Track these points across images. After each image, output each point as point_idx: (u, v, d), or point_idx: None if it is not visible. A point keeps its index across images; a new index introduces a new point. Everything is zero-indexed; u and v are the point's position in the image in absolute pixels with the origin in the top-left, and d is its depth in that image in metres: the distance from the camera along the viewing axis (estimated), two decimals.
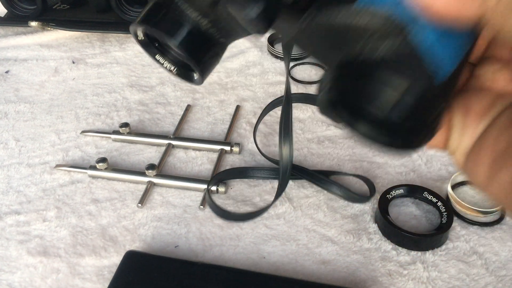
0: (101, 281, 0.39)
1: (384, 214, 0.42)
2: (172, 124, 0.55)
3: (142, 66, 0.65)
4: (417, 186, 0.45)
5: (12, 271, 0.40)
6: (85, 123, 0.55)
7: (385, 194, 0.44)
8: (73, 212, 0.45)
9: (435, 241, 0.41)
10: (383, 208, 0.43)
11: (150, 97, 0.59)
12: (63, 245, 0.42)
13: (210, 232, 0.43)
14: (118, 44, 0.69)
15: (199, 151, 0.52)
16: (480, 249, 0.41)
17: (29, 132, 0.54)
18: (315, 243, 0.42)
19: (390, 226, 0.41)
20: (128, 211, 0.45)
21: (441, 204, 0.43)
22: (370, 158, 0.50)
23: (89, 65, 0.65)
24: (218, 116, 0.57)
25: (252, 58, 0.67)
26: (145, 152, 0.52)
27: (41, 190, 0.47)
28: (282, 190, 0.43)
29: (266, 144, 0.52)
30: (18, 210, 0.45)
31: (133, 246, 0.42)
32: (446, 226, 0.41)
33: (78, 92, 0.60)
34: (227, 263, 0.40)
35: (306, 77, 0.63)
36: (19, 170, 0.49)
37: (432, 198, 0.44)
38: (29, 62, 0.66)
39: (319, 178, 0.46)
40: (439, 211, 0.43)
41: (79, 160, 0.51)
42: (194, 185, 0.47)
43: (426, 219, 0.44)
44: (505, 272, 0.39)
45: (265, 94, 0.60)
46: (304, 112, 0.56)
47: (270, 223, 0.44)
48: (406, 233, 0.40)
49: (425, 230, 0.42)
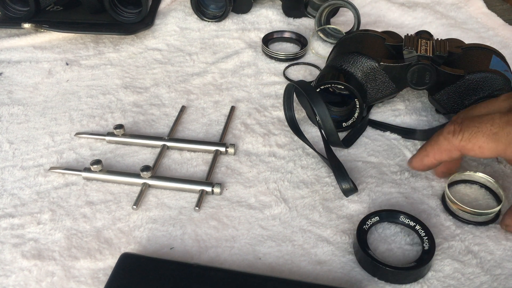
0: (96, 284, 0.39)
1: (364, 247, 0.40)
2: (166, 125, 0.55)
3: (136, 68, 0.65)
4: (392, 210, 0.43)
5: (7, 274, 0.39)
6: (79, 125, 0.55)
7: (361, 225, 0.42)
8: (67, 214, 0.44)
9: (419, 272, 0.39)
10: (362, 241, 0.40)
11: (144, 99, 0.59)
12: (57, 248, 0.41)
13: (205, 234, 0.43)
14: (112, 46, 0.69)
15: (194, 152, 0.51)
16: (475, 248, 0.41)
17: (22, 135, 0.54)
18: (310, 244, 0.42)
19: (371, 260, 0.39)
20: (123, 213, 0.45)
21: (419, 227, 0.41)
22: (365, 158, 0.50)
23: (83, 66, 0.65)
24: (213, 117, 0.57)
25: (247, 59, 0.67)
26: (139, 153, 0.51)
27: (35, 193, 0.47)
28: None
29: (267, 144, 0.52)
30: (12, 213, 0.45)
31: (128, 249, 0.41)
32: (429, 256, 0.39)
33: (72, 94, 0.60)
34: (223, 265, 0.40)
35: (301, 76, 0.64)
36: (13, 173, 0.49)
37: (409, 222, 0.42)
38: (23, 64, 0.65)
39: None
40: (418, 235, 0.41)
41: (73, 162, 0.50)
42: (189, 186, 0.46)
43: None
44: (500, 271, 0.40)
45: (260, 95, 0.60)
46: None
47: (266, 224, 0.44)
48: (388, 268, 0.38)
49: (407, 260, 0.40)
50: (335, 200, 0.46)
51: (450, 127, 0.41)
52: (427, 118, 0.56)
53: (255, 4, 0.78)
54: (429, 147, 0.43)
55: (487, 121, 0.39)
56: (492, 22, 0.76)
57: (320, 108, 0.46)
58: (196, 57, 0.67)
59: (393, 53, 0.54)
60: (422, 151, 0.44)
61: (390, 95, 0.54)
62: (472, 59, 0.52)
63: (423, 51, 0.51)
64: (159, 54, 0.68)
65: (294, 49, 0.69)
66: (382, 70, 0.52)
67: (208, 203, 0.46)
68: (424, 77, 0.51)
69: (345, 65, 0.52)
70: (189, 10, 0.76)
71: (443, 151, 0.42)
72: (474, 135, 0.39)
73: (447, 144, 0.41)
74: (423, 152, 0.44)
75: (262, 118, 0.56)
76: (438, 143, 0.42)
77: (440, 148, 0.42)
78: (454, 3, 0.81)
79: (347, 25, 0.74)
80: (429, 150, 0.43)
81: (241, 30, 0.73)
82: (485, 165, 0.49)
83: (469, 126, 0.40)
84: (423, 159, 0.44)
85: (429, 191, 0.47)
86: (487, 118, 0.39)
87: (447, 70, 0.50)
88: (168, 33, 0.72)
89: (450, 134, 0.41)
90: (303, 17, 0.76)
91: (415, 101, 0.58)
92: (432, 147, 0.43)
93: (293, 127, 0.52)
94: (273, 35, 0.70)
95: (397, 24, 0.75)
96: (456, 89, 0.51)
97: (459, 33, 0.72)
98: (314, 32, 0.71)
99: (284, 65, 0.65)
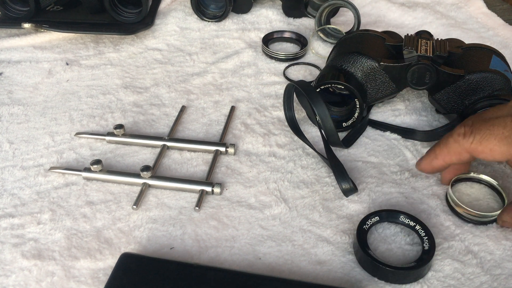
0: (96, 284, 0.39)
1: (364, 247, 0.40)
2: (166, 125, 0.55)
3: (136, 68, 0.65)
4: (392, 210, 0.43)
5: (7, 274, 0.39)
6: (79, 125, 0.55)
7: (361, 225, 0.42)
8: (67, 214, 0.44)
9: (419, 272, 0.39)
10: (362, 241, 0.40)
11: (144, 99, 0.59)
12: (57, 248, 0.41)
13: (205, 234, 0.43)
14: (112, 46, 0.69)
15: (194, 152, 0.51)
16: (475, 248, 0.41)
17: (23, 135, 0.54)
18: (310, 244, 0.42)
19: (371, 260, 0.39)
20: (123, 213, 0.45)
21: (419, 227, 0.41)
22: (365, 158, 0.50)
23: (83, 66, 0.65)
24: (213, 117, 0.57)
25: (247, 59, 0.67)
26: (139, 153, 0.51)
27: (35, 193, 0.47)
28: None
29: (267, 144, 0.52)
30: (12, 213, 0.45)
31: (128, 248, 0.41)
32: (429, 256, 0.39)
33: (72, 94, 0.60)
34: (223, 265, 0.40)
35: (301, 76, 0.64)
36: (13, 173, 0.49)
37: (409, 222, 0.42)
38: (23, 64, 0.65)
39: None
40: (418, 235, 0.41)
41: (73, 162, 0.50)
42: (189, 186, 0.46)
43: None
44: (500, 271, 0.40)
45: (260, 95, 0.60)
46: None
47: (266, 224, 0.44)
48: (388, 268, 0.38)
49: (407, 260, 0.40)
50: (335, 200, 0.46)
51: (461, 130, 0.41)
52: (427, 118, 0.56)
53: (255, 4, 0.78)
54: (438, 149, 0.43)
55: (499, 124, 0.39)
56: (492, 22, 0.76)
57: (320, 108, 0.46)
58: (196, 57, 0.67)
59: (393, 53, 0.54)
60: (431, 153, 0.44)
61: (390, 95, 0.54)
62: (472, 59, 0.52)
63: (423, 51, 0.51)
64: (159, 54, 0.68)
65: (294, 49, 0.69)
66: (382, 70, 0.52)
67: (208, 203, 0.46)
68: (424, 77, 0.51)
69: (345, 65, 0.52)
70: (189, 10, 0.76)
71: (453, 154, 0.42)
72: (486, 137, 0.39)
73: (457, 146, 0.41)
74: (432, 155, 0.43)
75: (262, 118, 0.56)
76: (448, 145, 0.42)
77: (450, 151, 0.42)
78: (454, 3, 0.81)
79: (347, 25, 0.74)
80: (438, 153, 0.43)
81: (241, 30, 0.73)
82: (485, 165, 0.49)
83: (481, 129, 0.40)
84: (432, 162, 0.43)
85: (429, 191, 0.47)
86: (499, 121, 0.39)
87: (447, 70, 0.50)
88: (168, 33, 0.72)
89: (460, 137, 0.40)
90: (303, 17, 0.76)
91: (415, 101, 0.58)
92: (441, 149, 0.42)
93: (293, 127, 0.52)
94: (273, 35, 0.70)
95: (397, 24, 0.75)
96: (456, 89, 0.51)
97: (459, 33, 0.72)
98: (314, 32, 0.71)
99: (284, 65, 0.65)
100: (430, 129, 0.54)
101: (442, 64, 0.51)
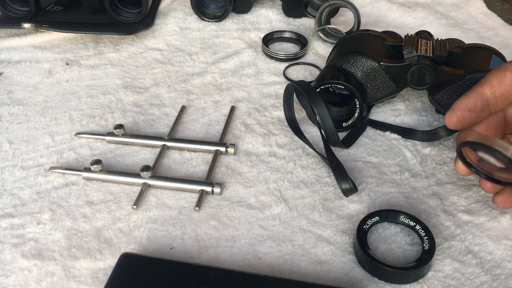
0: (96, 284, 0.39)
1: (364, 247, 0.39)
2: (166, 125, 0.55)
3: (136, 67, 0.65)
4: (392, 210, 0.43)
5: (7, 274, 0.39)
6: (79, 125, 0.55)
7: (361, 225, 0.41)
8: (67, 214, 0.44)
9: (419, 272, 0.39)
10: (362, 240, 0.40)
11: (144, 99, 0.59)
12: (57, 248, 0.41)
13: (205, 234, 0.43)
14: (112, 46, 0.69)
15: (194, 152, 0.51)
16: (475, 248, 0.41)
17: (22, 135, 0.54)
18: (310, 244, 0.42)
19: (371, 260, 0.38)
20: (123, 213, 0.45)
21: (419, 227, 0.41)
22: (365, 158, 0.50)
23: (83, 66, 0.65)
24: (213, 117, 0.57)
25: (247, 59, 0.67)
26: (139, 153, 0.51)
27: (35, 193, 0.47)
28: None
29: (267, 144, 0.52)
30: (12, 213, 0.45)
31: (128, 248, 0.41)
32: (429, 256, 0.39)
33: (72, 94, 0.60)
34: (223, 265, 0.40)
35: (301, 76, 0.64)
36: (13, 173, 0.49)
37: (409, 222, 0.42)
38: (23, 64, 0.65)
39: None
40: (418, 235, 0.41)
41: (73, 162, 0.50)
42: (189, 186, 0.46)
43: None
44: (500, 271, 0.40)
45: (260, 95, 0.60)
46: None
47: (266, 224, 0.44)
48: (388, 267, 0.38)
49: (407, 260, 0.40)
50: (335, 200, 0.46)
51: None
52: (427, 118, 0.56)
53: (255, 4, 0.78)
54: (489, 76, 0.38)
55: None
56: (492, 22, 0.76)
57: (320, 108, 0.46)
58: (196, 57, 0.67)
59: (393, 53, 0.54)
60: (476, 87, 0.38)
61: (390, 95, 0.54)
62: (472, 59, 0.52)
63: (423, 51, 0.51)
64: (159, 54, 0.68)
65: (294, 49, 0.69)
66: (382, 70, 0.52)
67: (208, 203, 0.46)
68: (424, 77, 0.51)
69: (345, 65, 0.52)
70: (189, 10, 0.76)
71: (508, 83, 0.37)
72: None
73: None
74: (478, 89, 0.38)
75: (262, 118, 0.56)
76: (502, 69, 0.37)
77: (505, 77, 0.37)
78: (454, 3, 0.81)
79: (347, 25, 0.74)
80: (490, 79, 0.38)
81: (241, 30, 0.73)
82: None
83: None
84: (477, 97, 0.38)
85: (429, 191, 0.47)
86: None
87: (447, 70, 0.50)
88: (168, 33, 0.72)
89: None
90: (303, 17, 0.76)
91: (415, 101, 0.58)
92: (494, 75, 0.38)
93: (293, 127, 0.52)
94: (273, 35, 0.70)
95: (397, 24, 0.75)
96: (456, 89, 0.51)
97: (459, 33, 0.72)
98: (314, 32, 0.71)
99: (284, 65, 0.65)
100: (430, 129, 0.54)
101: (442, 64, 0.51)
